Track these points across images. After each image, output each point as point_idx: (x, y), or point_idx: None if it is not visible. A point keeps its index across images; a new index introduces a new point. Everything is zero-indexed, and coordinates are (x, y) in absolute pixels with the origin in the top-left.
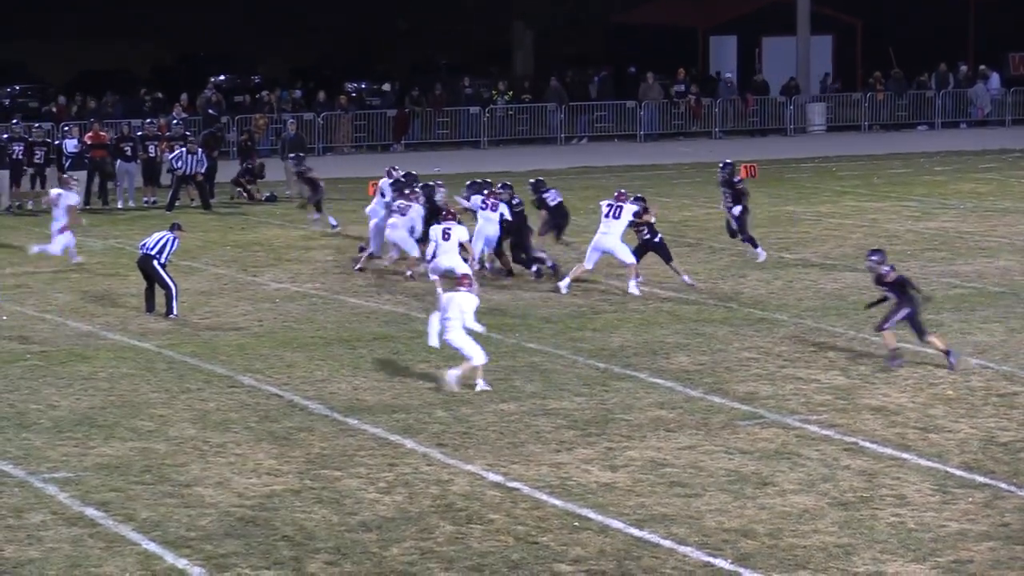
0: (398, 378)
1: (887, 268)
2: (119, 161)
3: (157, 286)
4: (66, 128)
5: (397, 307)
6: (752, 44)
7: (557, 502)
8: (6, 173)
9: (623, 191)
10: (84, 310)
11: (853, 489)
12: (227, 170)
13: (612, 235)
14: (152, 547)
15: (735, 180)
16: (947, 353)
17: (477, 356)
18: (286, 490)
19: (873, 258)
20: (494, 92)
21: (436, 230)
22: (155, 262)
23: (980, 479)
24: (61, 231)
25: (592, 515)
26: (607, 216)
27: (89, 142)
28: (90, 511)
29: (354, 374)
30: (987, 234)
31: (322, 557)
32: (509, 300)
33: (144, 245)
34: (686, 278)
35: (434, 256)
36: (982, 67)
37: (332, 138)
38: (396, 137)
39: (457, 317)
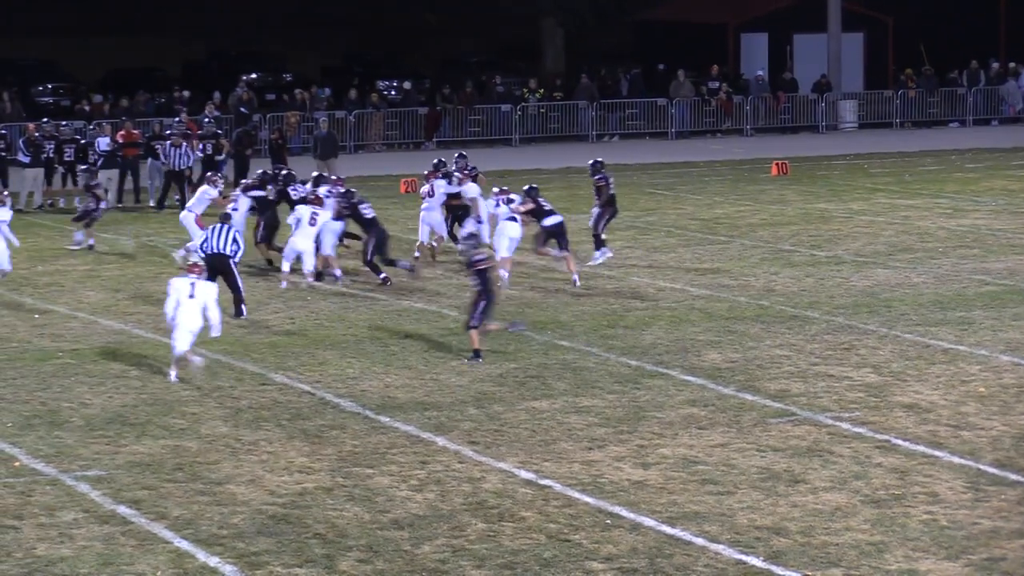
0: (430, 376)
1: (481, 255)
2: (150, 160)
3: (226, 286)
4: (93, 127)
5: (429, 305)
6: (783, 41)
7: (589, 500)
8: (40, 171)
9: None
10: (116, 308)
11: (885, 487)
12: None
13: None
14: (184, 545)
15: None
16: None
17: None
18: (318, 488)
19: (468, 241)
20: (525, 90)
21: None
22: (230, 260)
23: (1013, 476)
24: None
25: (624, 513)
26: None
27: (121, 140)
28: (122, 509)
29: (386, 372)
30: (1019, 231)
31: (354, 555)
32: (540, 298)
33: (209, 245)
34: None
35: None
36: (1013, 64)
37: (363, 136)
38: (428, 135)
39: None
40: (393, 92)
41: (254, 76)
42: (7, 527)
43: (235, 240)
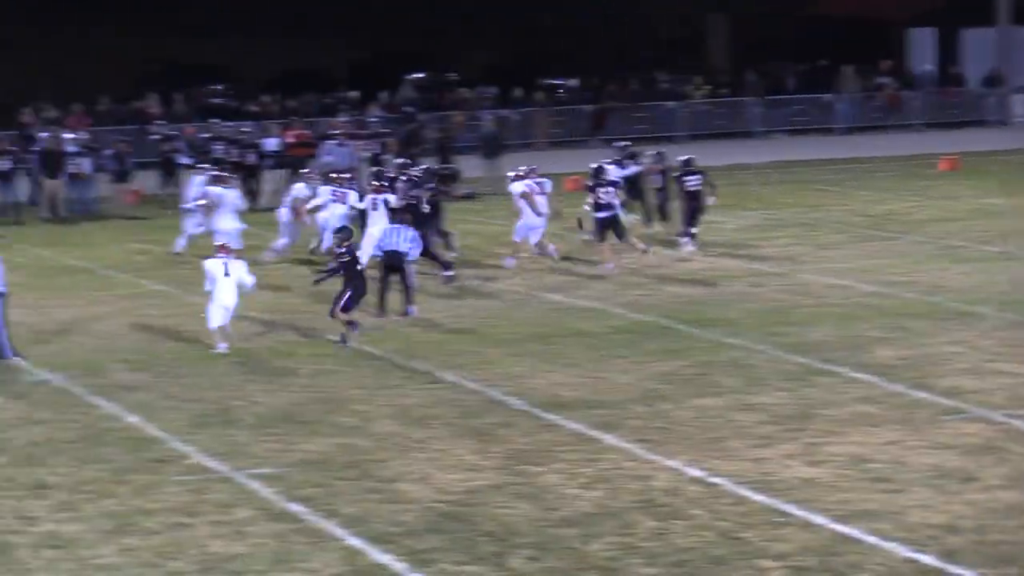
0: (597, 373)
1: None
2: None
3: (397, 284)
4: (250, 129)
5: (593, 303)
6: (951, 36)
7: (759, 498)
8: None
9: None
10: (285, 307)
11: None
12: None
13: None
14: (355, 542)
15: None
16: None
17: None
18: (487, 485)
19: (338, 235)
20: (691, 87)
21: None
22: (406, 258)
23: None
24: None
25: (794, 511)
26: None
27: (292, 140)
28: (294, 507)
29: (552, 370)
30: None
31: (524, 552)
32: (707, 295)
33: (387, 242)
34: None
35: None
36: None
37: (529, 134)
38: (593, 132)
39: None
40: (560, 91)
41: (420, 76)
42: (181, 524)
43: (413, 239)
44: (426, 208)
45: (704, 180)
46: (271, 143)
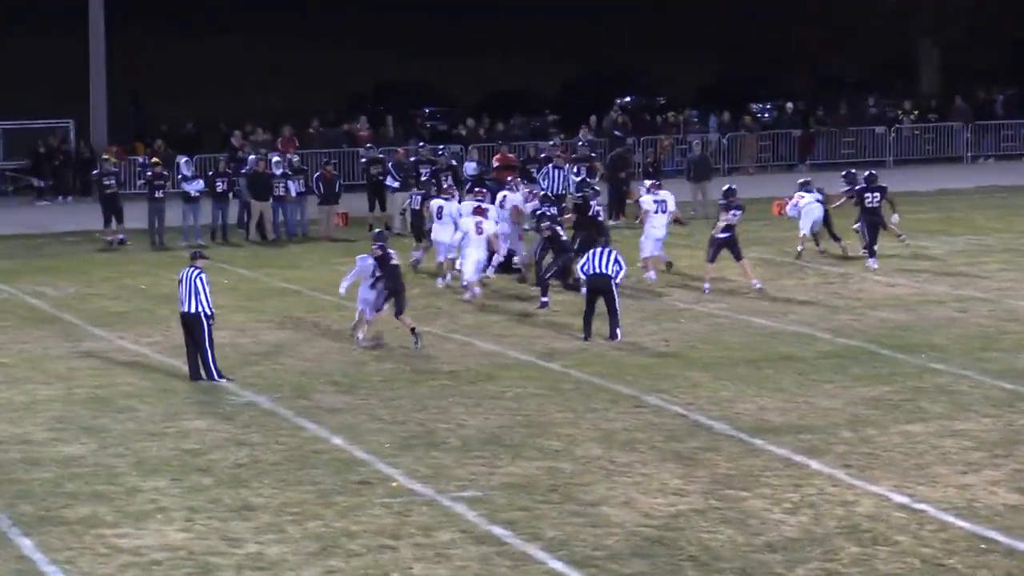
0: (803, 398)
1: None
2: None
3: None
4: (458, 150)
5: (802, 327)
6: None
7: (964, 524)
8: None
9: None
10: (490, 329)
11: None
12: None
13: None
14: (558, 566)
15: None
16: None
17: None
18: (691, 510)
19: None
20: (900, 111)
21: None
22: (612, 281)
23: None
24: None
25: (1000, 537)
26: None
27: (497, 163)
28: (497, 530)
29: (759, 394)
30: None
31: None
32: (914, 320)
33: (590, 266)
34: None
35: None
36: None
37: (737, 158)
38: (801, 157)
39: None
40: (766, 115)
41: (628, 99)
42: (385, 547)
43: (616, 261)
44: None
45: (884, 197)
46: (470, 167)
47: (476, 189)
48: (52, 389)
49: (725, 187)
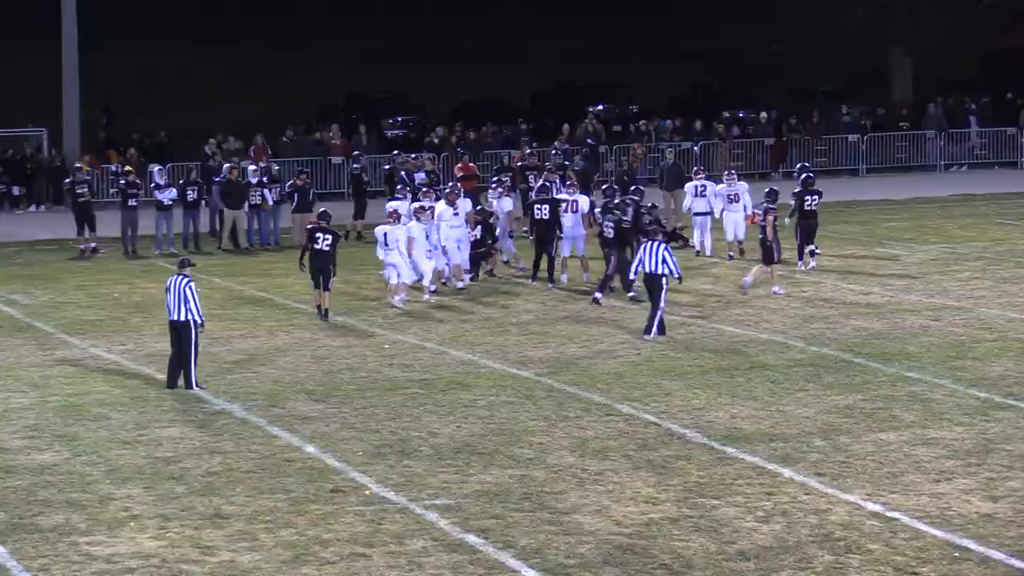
0: (776, 407)
1: None
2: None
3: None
4: (415, 158)
5: (774, 335)
6: None
7: (937, 532)
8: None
9: None
10: (464, 338)
11: None
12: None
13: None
14: (531, 574)
15: None
16: None
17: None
18: (664, 518)
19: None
20: (873, 120)
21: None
22: (663, 279)
23: None
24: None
25: (973, 546)
26: None
27: (459, 173)
28: (470, 538)
29: (732, 402)
30: None
31: None
32: (887, 329)
33: (643, 264)
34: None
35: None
36: None
37: (710, 167)
38: (774, 165)
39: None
40: (736, 129)
41: (600, 107)
42: (358, 555)
43: (664, 260)
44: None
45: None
46: (419, 176)
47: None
48: (26, 397)
49: (767, 189)
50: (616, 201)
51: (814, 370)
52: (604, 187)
